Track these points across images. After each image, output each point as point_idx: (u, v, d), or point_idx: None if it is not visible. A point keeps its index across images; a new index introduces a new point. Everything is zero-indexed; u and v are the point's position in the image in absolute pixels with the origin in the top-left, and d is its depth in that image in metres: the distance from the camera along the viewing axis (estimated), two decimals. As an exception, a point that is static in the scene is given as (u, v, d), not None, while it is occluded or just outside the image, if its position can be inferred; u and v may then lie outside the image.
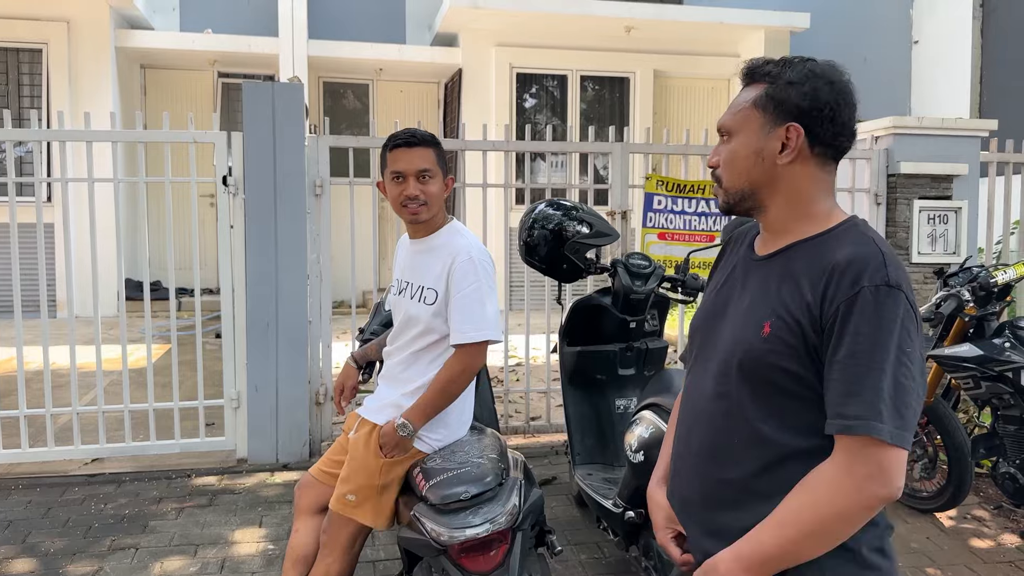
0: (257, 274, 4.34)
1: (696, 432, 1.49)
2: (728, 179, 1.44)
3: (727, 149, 1.44)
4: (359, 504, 2.33)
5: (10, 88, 8.82)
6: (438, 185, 2.38)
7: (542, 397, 5.12)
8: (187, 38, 9.34)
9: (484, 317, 2.29)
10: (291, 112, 4.36)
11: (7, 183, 4.10)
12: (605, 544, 3.42)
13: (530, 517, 2.27)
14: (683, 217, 4.72)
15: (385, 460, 2.31)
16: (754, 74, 1.43)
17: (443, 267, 2.34)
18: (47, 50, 8.77)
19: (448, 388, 2.30)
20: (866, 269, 1.28)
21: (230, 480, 4.19)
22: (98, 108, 8.39)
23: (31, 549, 3.39)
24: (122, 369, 4.35)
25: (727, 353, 1.42)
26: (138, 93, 9.87)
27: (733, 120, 1.43)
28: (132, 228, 8.96)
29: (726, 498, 1.42)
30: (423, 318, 2.37)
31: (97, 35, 8.82)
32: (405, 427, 2.27)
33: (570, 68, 10.04)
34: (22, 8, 8.57)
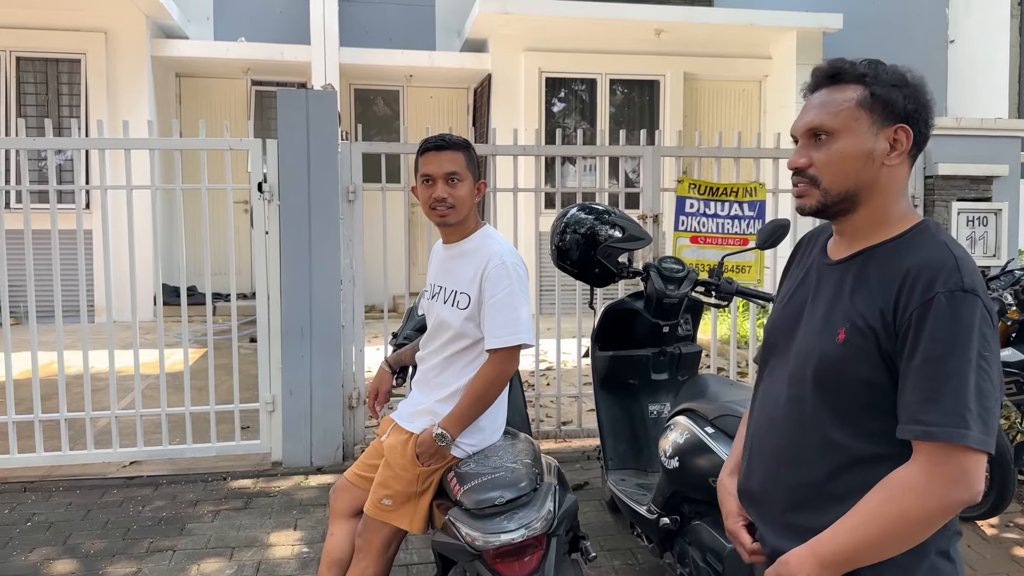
0: (291, 279, 4.38)
1: (769, 435, 1.51)
2: (830, 180, 1.40)
3: (832, 149, 1.40)
4: (395, 508, 2.34)
5: (50, 97, 9.01)
6: (467, 189, 2.39)
7: (573, 401, 5.11)
8: (221, 47, 9.48)
9: (518, 321, 2.29)
10: (324, 119, 4.41)
11: (48, 191, 4.19)
12: (639, 550, 3.40)
13: (565, 522, 2.26)
14: (716, 220, 4.69)
15: (421, 470, 2.32)
16: (843, 75, 1.41)
17: (476, 271, 2.35)
18: (85, 60, 8.95)
19: (484, 394, 2.31)
20: (939, 275, 1.28)
21: (265, 483, 4.23)
22: (135, 116, 8.55)
23: (72, 550, 3.45)
24: (159, 373, 4.42)
25: (801, 359, 1.44)
26: (173, 101, 10.03)
27: (836, 120, 1.39)
28: (168, 234, 9.10)
29: (799, 500, 1.44)
30: (455, 323, 2.38)
31: (134, 45, 8.99)
32: (443, 437, 2.28)
33: (599, 72, 10.02)
34: (61, 19, 8.76)
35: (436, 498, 2.39)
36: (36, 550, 3.45)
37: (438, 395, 2.41)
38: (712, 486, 2.43)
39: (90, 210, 8.54)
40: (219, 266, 9.41)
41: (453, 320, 2.38)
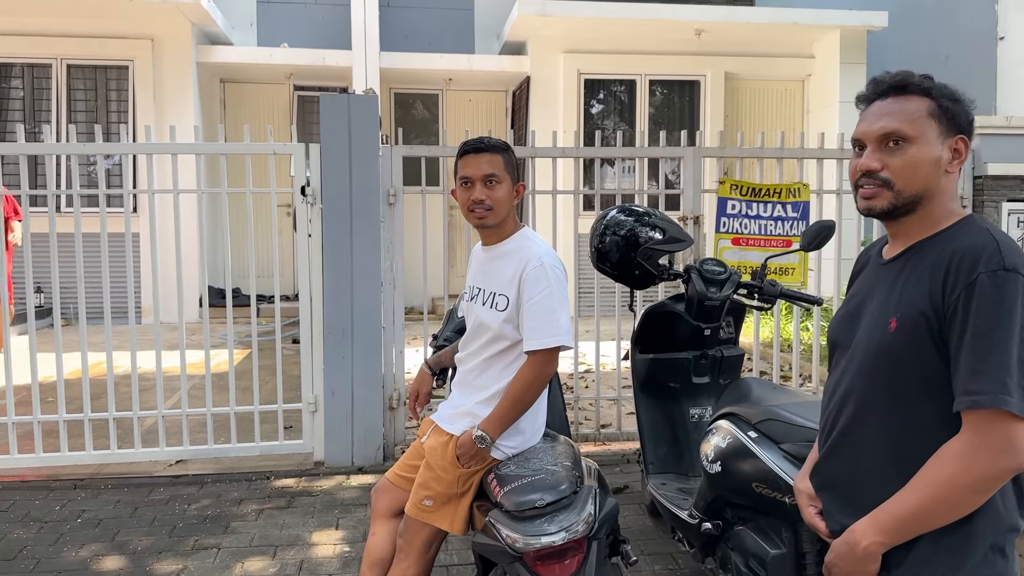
0: (334, 281, 4.43)
1: (835, 427, 1.62)
2: (904, 183, 1.51)
3: (908, 154, 1.50)
4: (436, 509, 2.35)
5: (99, 104, 9.25)
6: (505, 191, 2.39)
7: (612, 404, 5.09)
8: (264, 52, 9.64)
9: (556, 323, 2.28)
10: (366, 123, 4.45)
11: (98, 194, 4.30)
12: (680, 555, 3.37)
13: (605, 526, 2.25)
14: (758, 222, 4.63)
15: (461, 472, 2.33)
16: (910, 87, 1.53)
17: (514, 273, 2.35)
18: (133, 67, 9.17)
19: (522, 397, 2.31)
20: (982, 256, 1.39)
21: (308, 482, 4.29)
22: (181, 122, 8.72)
23: (120, 547, 3.53)
24: (205, 373, 4.50)
25: (861, 352, 1.55)
26: (218, 107, 10.22)
27: (912, 127, 1.49)
28: (213, 237, 9.27)
29: (863, 481, 1.55)
30: (494, 324, 2.38)
31: (180, 51, 9.18)
32: (483, 439, 2.28)
33: (639, 72, 9.97)
34: (110, 27, 8.99)
35: (476, 499, 2.40)
36: (86, 546, 3.53)
37: (478, 397, 2.41)
38: (756, 491, 2.41)
39: (137, 214, 8.74)
40: (263, 268, 9.57)
41: (492, 322, 2.39)
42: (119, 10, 8.71)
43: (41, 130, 8.84)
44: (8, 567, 3.33)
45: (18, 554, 3.45)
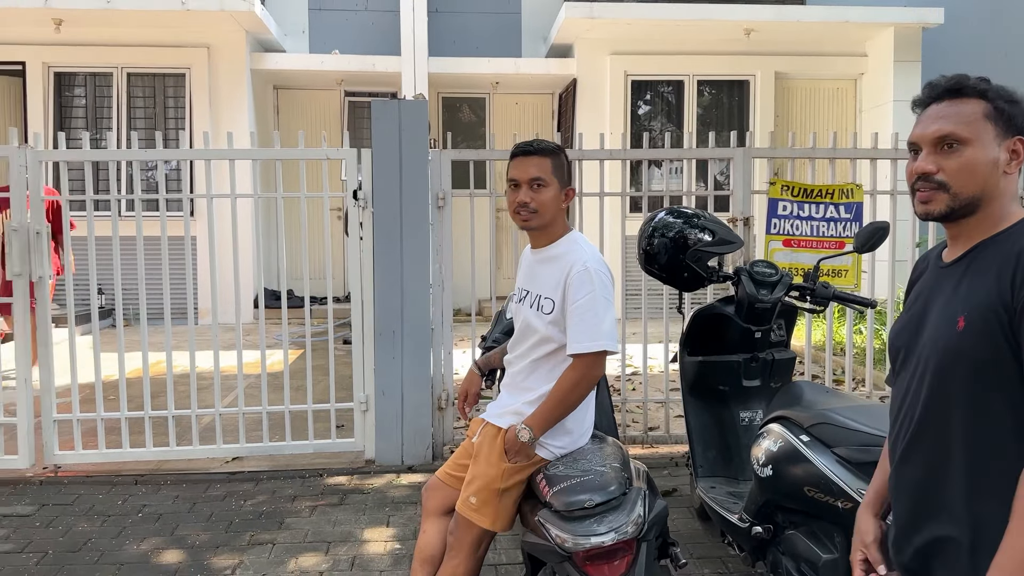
0: (384, 283, 4.51)
1: (903, 442, 1.57)
2: (961, 186, 1.50)
3: (963, 157, 1.49)
4: (480, 507, 2.38)
5: (157, 111, 9.52)
6: (551, 194, 2.41)
7: (660, 407, 5.07)
8: (316, 59, 9.83)
9: (599, 327, 2.29)
10: (416, 128, 4.52)
11: (159, 199, 4.44)
12: (729, 559, 3.35)
13: (655, 528, 2.26)
14: (810, 223, 4.57)
15: (508, 465, 2.36)
16: (965, 89, 1.52)
17: (560, 277, 2.37)
18: (190, 74, 9.42)
19: (566, 398, 2.33)
20: None
21: (359, 480, 4.37)
22: (236, 128, 8.94)
23: (179, 541, 3.64)
24: (261, 373, 4.61)
25: (927, 356, 1.52)
26: (271, 113, 10.44)
27: (968, 130, 1.49)
28: (267, 240, 9.47)
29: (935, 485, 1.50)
30: (540, 327, 2.41)
31: (234, 59, 9.41)
32: (527, 435, 2.31)
33: (687, 73, 9.91)
34: (168, 36, 9.25)
35: (525, 499, 2.42)
36: (147, 540, 3.65)
37: (526, 397, 2.44)
38: (808, 496, 2.39)
39: (194, 217, 8.98)
40: (315, 271, 9.74)
41: (539, 325, 2.41)
42: (177, 20, 8.97)
43: (104, 137, 9.17)
44: (73, 558, 3.46)
45: (83, 546, 3.58)
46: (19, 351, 4.39)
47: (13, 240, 4.31)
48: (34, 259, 4.34)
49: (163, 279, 4.48)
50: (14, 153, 4.31)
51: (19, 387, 4.39)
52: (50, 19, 8.74)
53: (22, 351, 4.39)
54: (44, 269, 4.38)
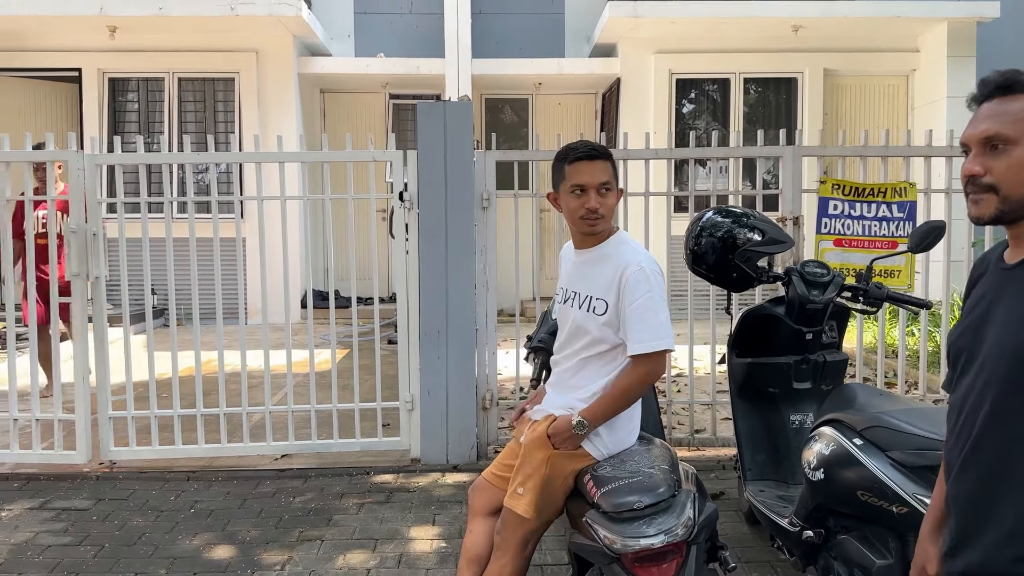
0: (429, 284, 4.54)
1: (961, 453, 1.46)
2: (1010, 187, 1.43)
3: (1012, 158, 1.43)
4: (524, 495, 2.37)
5: (207, 114, 9.73)
6: (615, 197, 2.42)
7: (707, 409, 5.01)
8: (362, 63, 9.94)
9: (660, 326, 2.29)
10: (461, 129, 4.54)
11: (211, 201, 4.53)
12: (778, 563, 3.30)
13: (704, 531, 2.23)
14: (862, 223, 4.48)
15: (552, 452, 2.35)
16: (1015, 85, 1.45)
17: (612, 277, 2.35)
18: (239, 79, 9.60)
19: (626, 395, 2.33)
20: None
21: (405, 479, 4.40)
22: (283, 131, 9.07)
23: (230, 536, 3.71)
24: (309, 372, 4.68)
25: (992, 364, 1.42)
26: (318, 116, 10.59)
27: (1015, 129, 1.42)
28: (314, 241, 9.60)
29: (996, 496, 1.41)
30: (592, 328, 2.39)
31: (282, 63, 9.56)
32: (582, 425, 2.30)
33: (733, 71, 9.79)
34: (218, 41, 9.44)
35: (572, 499, 2.41)
36: (198, 535, 3.72)
37: (575, 394, 2.43)
38: (861, 500, 2.34)
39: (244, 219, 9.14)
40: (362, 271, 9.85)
41: (590, 326, 2.40)
42: (226, 25, 9.14)
43: (156, 140, 9.39)
44: (129, 552, 3.55)
45: (137, 540, 3.67)
46: (77, 349, 4.52)
47: (72, 241, 4.43)
48: (91, 260, 4.47)
49: (215, 279, 4.57)
50: (72, 157, 4.43)
51: (77, 385, 4.52)
52: (105, 26, 8.99)
53: (80, 350, 4.51)
54: (101, 269, 4.50)
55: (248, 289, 8.53)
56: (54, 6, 8.86)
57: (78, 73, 9.54)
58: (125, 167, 4.64)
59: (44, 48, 9.39)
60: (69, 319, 4.77)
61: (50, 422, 4.59)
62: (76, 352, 4.52)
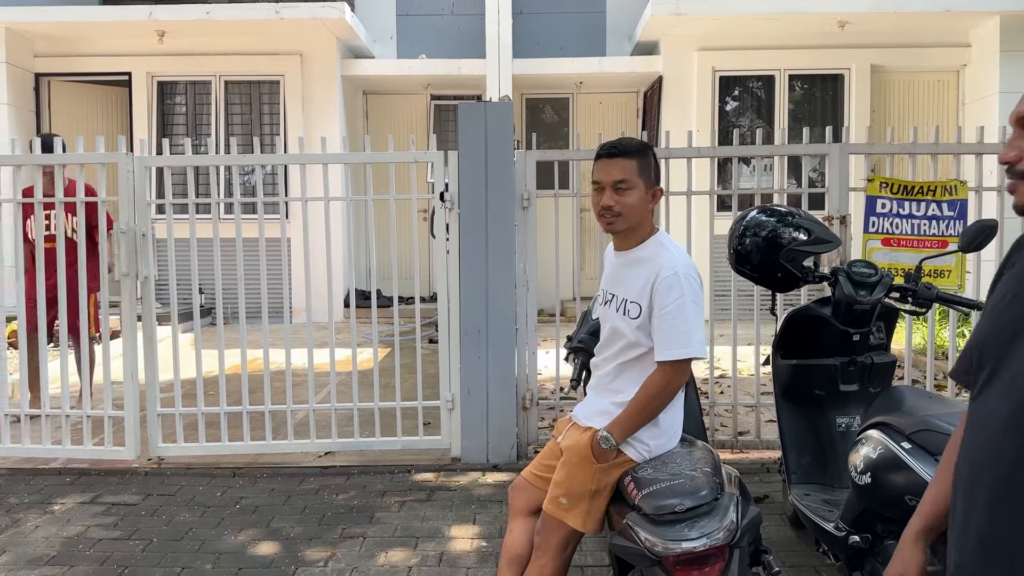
0: (470, 284, 4.56)
1: (986, 475, 1.25)
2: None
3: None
4: (570, 508, 2.37)
5: (253, 117, 9.89)
6: (636, 196, 2.36)
7: (750, 411, 4.95)
8: (404, 64, 10.02)
9: (689, 334, 2.25)
10: (501, 129, 4.55)
11: (256, 202, 4.61)
12: (823, 568, 3.24)
13: (748, 534, 2.20)
14: (911, 221, 4.38)
15: (598, 466, 2.34)
16: None
17: (646, 281, 2.33)
18: (284, 81, 9.75)
19: (650, 404, 2.30)
20: None
21: (445, 477, 4.42)
22: (327, 132, 9.18)
23: (275, 533, 3.76)
24: (352, 370, 4.73)
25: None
26: (361, 117, 10.70)
27: None
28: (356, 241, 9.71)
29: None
30: (627, 332, 2.38)
31: (326, 66, 9.68)
32: (607, 440, 2.29)
33: (777, 68, 9.64)
34: (263, 45, 9.60)
35: (613, 501, 2.40)
36: (244, 531, 3.78)
37: (614, 398, 2.41)
38: (910, 504, 2.29)
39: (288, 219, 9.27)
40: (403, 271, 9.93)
41: (625, 329, 2.38)
42: (271, 28, 9.29)
43: (203, 142, 9.58)
44: (176, 547, 3.62)
45: (184, 535, 3.74)
46: (126, 348, 4.62)
47: (121, 241, 4.54)
48: (141, 260, 4.57)
49: (261, 279, 4.65)
50: (122, 159, 4.54)
51: (126, 382, 4.63)
52: (154, 31, 9.19)
53: (129, 348, 4.61)
54: (150, 269, 4.59)
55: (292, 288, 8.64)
56: (106, 13, 9.11)
57: (128, 77, 9.78)
58: (173, 169, 4.73)
59: (96, 53, 9.64)
60: (78, 328, 4.78)
61: (100, 419, 4.70)
62: (125, 350, 4.62)
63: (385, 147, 4.79)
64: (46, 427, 4.70)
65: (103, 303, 4.91)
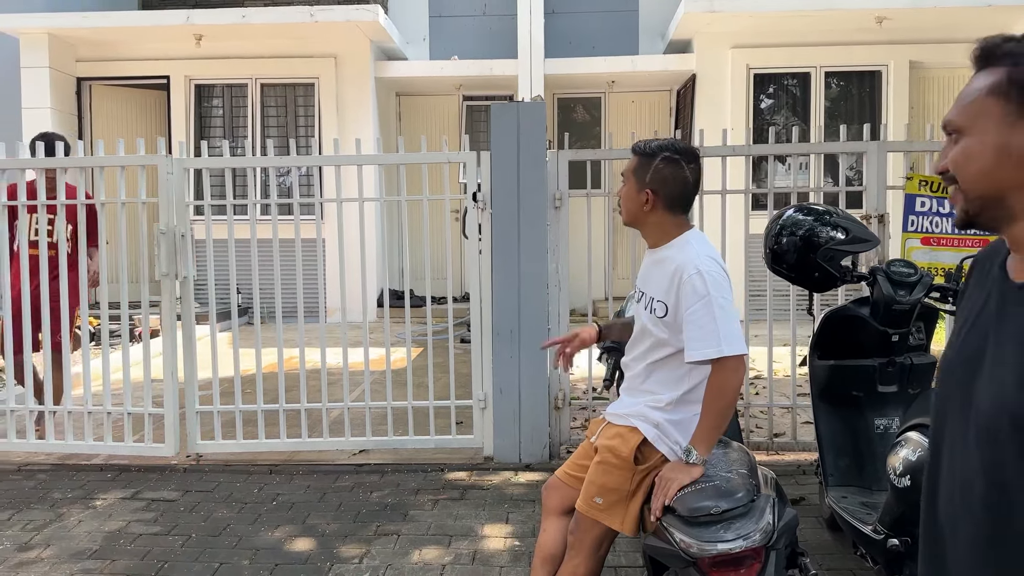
0: (502, 283, 4.57)
1: (962, 518, 1.17)
2: (964, 183, 1.19)
3: (959, 148, 1.19)
4: (606, 508, 2.37)
5: (288, 119, 10.00)
6: (627, 191, 2.41)
7: (786, 413, 4.89)
8: (436, 65, 10.07)
9: (715, 332, 2.22)
10: (534, 129, 4.55)
11: (292, 203, 4.66)
12: (860, 571, 3.19)
13: (784, 536, 2.19)
14: (951, 220, 4.30)
15: (639, 467, 2.33)
16: (990, 56, 1.18)
17: (671, 280, 2.31)
18: (318, 84, 9.84)
19: (713, 406, 2.25)
20: None
21: (478, 476, 4.44)
22: (361, 134, 9.25)
23: (310, 529, 3.80)
24: (385, 369, 4.77)
25: (991, 415, 1.11)
26: (394, 119, 10.77)
27: (964, 114, 1.19)
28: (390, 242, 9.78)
29: None
30: (654, 331, 2.37)
31: (359, 68, 9.76)
32: (689, 452, 2.24)
33: (813, 65, 9.52)
34: (298, 48, 9.71)
35: (647, 501, 2.39)
36: (280, 527, 3.83)
37: (646, 400, 2.40)
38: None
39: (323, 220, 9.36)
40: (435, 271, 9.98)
41: (653, 328, 2.38)
42: (306, 31, 9.39)
43: (240, 144, 9.71)
44: (214, 543, 3.68)
45: (222, 531, 3.80)
46: (166, 346, 4.70)
47: (161, 242, 4.62)
48: (180, 260, 4.65)
49: (296, 279, 4.70)
50: (162, 161, 4.62)
51: (166, 380, 4.71)
52: (192, 35, 9.34)
53: (168, 347, 4.69)
54: (189, 269, 4.67)
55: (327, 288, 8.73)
56: (145, 17, 9.29)
57: (166, 80, 9.94)
58: (211, 171, 4.81)
59: (135, 57, 9.82)
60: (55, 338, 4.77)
61: (141, 416, 4.79)
62: (165, 349, 4.71)
63: (418, 148, 4.82)
64: (88, 424, 4.80)
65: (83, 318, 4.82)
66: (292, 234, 4.69)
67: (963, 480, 1.16)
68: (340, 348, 4.77)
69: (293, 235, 4.69)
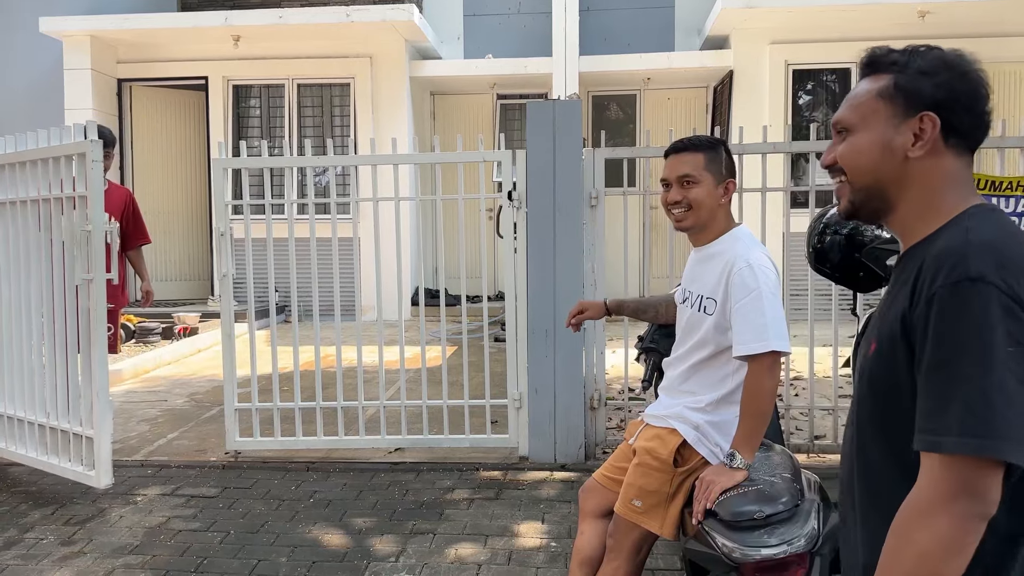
0: (537, 283, 4.55)
1: (844, 459, 1.41)
2: (850, 175, 1.33)
3: (848, 143, 1.33)
4: (646, 510, 2.34)
5: (324, 119, 10.08)
6: (704, 191, 2.34)
7: (827, 415, 4.80)
8: (470, 64, 10.08)
9: (765, 327, 2.19)
10: (569, 128, 4.52)
11: (329, 203, 4.69)
12: None
13: (829, 542, 2.14)
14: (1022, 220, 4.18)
15: (678, 470, 2.30)
16: (876, 64, 1.32)
17: (720, 276, 2.29)
18: (354, 83, 9.91)
19: (750, 407, 2.22)
20: (944, 264, 1.14)
21: (513, 476, 4.43)
22: (396, 133, 9.32)
23: (347, 526, 3.82)
24: (421, 368, 4.78)
25: (857, 379, 1.35)
26: (428, 118, 10.80)
27: (854, 113, 1.32)
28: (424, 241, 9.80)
29: (853, 526, 1.36)
30: (701, 329, 2.34)
31: (395, 67, 9.81)
32: (733, 457, 2.20)
33: (853, 61, 9.29)
34: (334, 48, 9.78)
35: (687, 504, 2.36)
36: (317, 524, 3.85)
37: (686, 401, 2.38)
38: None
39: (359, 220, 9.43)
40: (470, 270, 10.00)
41: (700, 326, 2.35)
42: (342, 31, 9.46)
43: (277, 144, 9.81)
44: (252, 539, 3.71)
45: (260, 528, 3.83)
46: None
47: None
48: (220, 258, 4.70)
49: (333, 278, 4.73)
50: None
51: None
52: (230, 36, 9.46)
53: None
54: (228, 267, 4.71)
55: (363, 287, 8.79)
56: (184, 19, 9.41)
57: (204, 81, 10.08)
58: (250, 170, 4.85)
59: (174, 59, 9.97)
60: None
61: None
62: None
63: (454, 147, 4.82)
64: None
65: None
66: (329, 233, 4.72)
67: (846, 424, 1.40)
68: (376, 346, 4.78)
69: (330, 234, 4.71)
